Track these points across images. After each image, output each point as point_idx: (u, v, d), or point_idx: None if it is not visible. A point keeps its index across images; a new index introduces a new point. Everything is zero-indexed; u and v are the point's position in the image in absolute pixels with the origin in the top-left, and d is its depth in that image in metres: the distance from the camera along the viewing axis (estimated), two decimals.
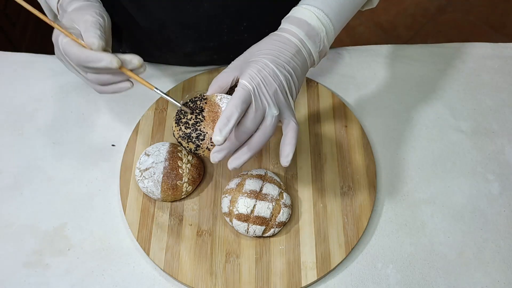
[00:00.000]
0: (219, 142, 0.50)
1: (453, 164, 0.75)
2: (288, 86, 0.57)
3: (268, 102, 0.54)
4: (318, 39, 0.59)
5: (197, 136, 0.54)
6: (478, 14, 1.91)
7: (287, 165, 0.56)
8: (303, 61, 0.59)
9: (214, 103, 0.56)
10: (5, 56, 0.89)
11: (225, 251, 0.67)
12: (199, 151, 0.56)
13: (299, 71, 0.58)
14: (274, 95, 0.55)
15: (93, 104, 0.82)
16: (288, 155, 0.56)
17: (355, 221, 0.68)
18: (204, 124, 0.54)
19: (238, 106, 0.51)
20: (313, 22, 0.59)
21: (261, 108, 0.54)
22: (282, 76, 0.56)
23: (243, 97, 0.52)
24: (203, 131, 0.54)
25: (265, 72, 0.55)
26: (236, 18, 0.76)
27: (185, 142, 0.56)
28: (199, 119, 0.55)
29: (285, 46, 0.57)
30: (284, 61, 0.56)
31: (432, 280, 0.66)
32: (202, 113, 0.55)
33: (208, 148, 0.55)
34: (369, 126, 0.79)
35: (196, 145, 0.55)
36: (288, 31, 0.59)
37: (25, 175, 0.75)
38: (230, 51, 0.83)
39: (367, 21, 1.91)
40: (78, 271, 0.67)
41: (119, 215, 0.72)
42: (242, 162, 0.55)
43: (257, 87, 0.54)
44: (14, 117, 0.81)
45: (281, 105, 0.56)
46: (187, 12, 0.73)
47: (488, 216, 0.71)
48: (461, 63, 0.87)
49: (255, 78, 0.54)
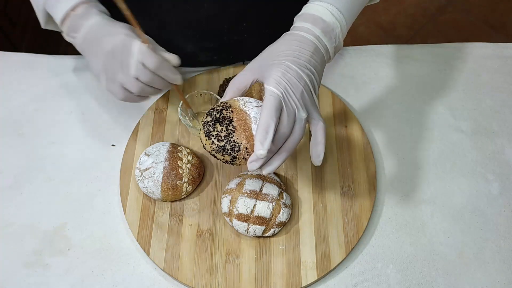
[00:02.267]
0: (263, 155, 0.51)
1: (453, 164, 0.75)
2: (312, 85, 0.56)
3: (297, 105, 0.54)
4: (334, 35, 0.60)
5: (232, 148, 0.54)
6: (478, 14, 1.91)
7: (319, 164, 0.57)
8: (321, 58, 0.59)
9: (240, 110, 0.55)
10: (5, 56, 0.89)
11: (225, 251, 0.67)
12: (235, 162, 0.56)
13: (319, 68, 0.58)
14: (302, 97, 0.55)
15: (93, 104, 0.82)
16: (320, 154, 0.57)
17: (355, 221, 0.68)
18: (236, 135, 0.54)
19: (273, 115, 0.51)
20: (328, 18, 0.59)
21: (292, 112, 0.54)
22: (305, 76, 0.55)
23: (275, 105, 0.52)
24: (237, 142, 0.54)
25: (290, 75, 0.54)
26: (236, 18, 0.76)
27: (220, 154, 0.55)
28: (231, 130, 0.54)
29: (303, 45, 0.57)
30: (305, 61, 0.56)
31: (432, 280, 0.66)
32: (232, 123, 0.54)
33: (244, 158, 0.55)
34: (369, 126, 0.79)
35: (233, 156, 0.54)
36: (304, 29, 0.58)
37: (25, 175, 0.75)
38: (230, 52, 0.83)
39: (367, 21, 1.91)
40: (78, 271, 0.67)
41: (119, 215, 0.72)
42: (276, 167, 0.55)
43: (284, 92, 0.53)
44: (14, 117, 0.81)
45: (308, 106, 0.56)
46: (188, 12, 0.73)
47: (488, 216, 0.71)
48: (461, 63, 0.87)
49: (281, 82, 0.54)
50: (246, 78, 0.58)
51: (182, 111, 0.73)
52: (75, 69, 0.86)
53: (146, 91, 0.65)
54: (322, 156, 0.57)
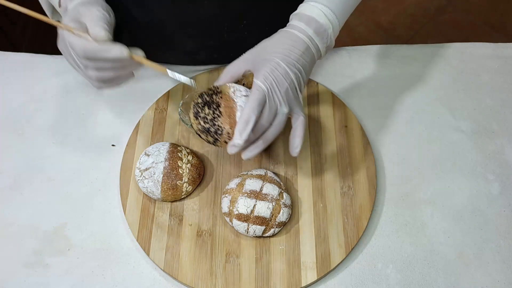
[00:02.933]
0: (240, 144, 0.56)
1: (453, 164, 0.75)
2: (298, 83, 0.60)
3: (280, 101, 0.58)
4: (326, 35, 0.62)
5: (215, 131, 0.59)
6: (478, 14, 1.91)
7: (296, 155, 0.61)
8: (311, 57, 0.62)
9: (229, 97, 0.60)
10: (5, 56, 0.89)
11: (225, 251, 0.67)
12: (217, 144, 0.61)
13: (307, 67, 0.62)
14: (285, 93, 0.59)
15: (93, 104, 0.82)
16: (297, 146, 0.61)
17: (355, 221, 0.68)
18: (221, 120, 0.59)
19: (255, 109, 0.56)
20: (321, 19, 0.61)
21: (274, 107, 0.58)
22: (292, 74, 0.59)
23: (259, 100, 0.57)
24: (221, 126, 0.59)
25: (278, 72, 0.58)
26: (236, 16, 0.76)
27: (204, 135, 0.60)
28: (217, 115, 0.59)
29: (295, 44, 0.60)
30: (295, 60, 0.59)
31: (432, 280, 0.66)
32: (219, 108, 0.59)
33: (225, 141, 0.60)
34: (369, 126, 0.79)
35: (215, 138, 0.60)
36: (298, 28, 0.61)
37: (25, 175, 0.75)
38: (230, 50, 0.83)
39: (367, 21, 1.91)
40: (78, 271, 0.67)
41: (119, 215, 0.72)
42: (255, 154, 0.59)
43: (270, 87, 0.58)
44: (14, 117, 0.81)
45: (291, 102, 0.60)
46: (188, 10, 0.73)
47: (488, 216, 0.71)
48: (461, 63, 0.87)
49: (269, 78, 0.58)
50: (239, 67, 0.62)
51: (182, 111, 0.73)
52: None
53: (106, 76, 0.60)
54: (299, 148, 0.61)
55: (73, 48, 0.58)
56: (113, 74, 0.61)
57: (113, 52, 0.57)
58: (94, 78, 0.60)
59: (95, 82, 0.62)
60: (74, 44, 0.58)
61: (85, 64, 0.59)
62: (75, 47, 0.58)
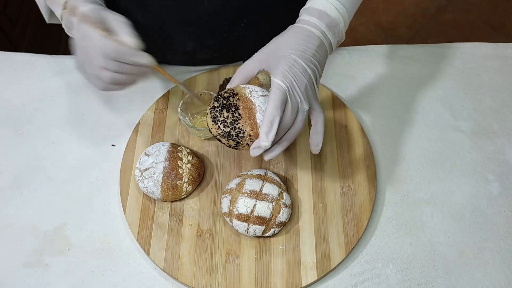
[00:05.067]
0: (267, 147, 0.54)
1: (453, 164, 0.75)
2: (315, 78, 0.60)
3: (301, 98, 0.57)
4: (337, 30, 0.62)
5: (237, 134, 0.57)
6: (478, 14, 1.91)
7: (317, 153, 0.61)
8: (325, 52, 0.61)
9: (246, 98, 0.59)
10: (5, 56, 0.89)
11: (225, 251, 0.67)
12: (239, 147, 0.59)
13: (322, 62, 0.61)
14: (305, 90, 0.58)
15: (93, 104, 0.82)
16: (319, 144, 0.60)
17: (355, 221, 0.68)
18: (241, 122, 0.57)
19: (278, 108, 0.55)
20: (332, 13, 0.61)
21: (296, 105, 0.57)
22: (310, 70, 0.58)
23: (281, 98, 0.55)
24: (242, 129, 0.57)
25: (296, 69, 0.57)
26: (237, 14, 0.76)
27: (225, 139, 0.58)
28: (236, 118, 0.58)
29: (309, 39, 0.59)
30: (311, 55, 0.59)
31: (432, 280, 0.66)
32: (238, 111, 0.58)
33: (247, 144, 0.58)
34: (369, 126, 0.79)
35: (237, 142, 0.58)
36: (310, 23, 0.61)
37: (25, 175, 0.75)
38: (230, 49, 0.83)
39: (367, 21, 1.91)
40: (78, 271, 0.67)
41: (119, 215, 0.72)
42: (277, 154, 0.58)
43: (290, 85, 0.57)
44: (14, 117, 0.81)
45: (310, 98, 0.59)
46: (188, 9, 0.73)
47: (488, 216, 0.71)
48: (461, 63, 0.87)
49: (288, 76, 0.57)
50: (253, 67, 0.60)
51: (182, 111, 0.73)
52: (75, 69, 0.86)
53: (121, 79, 0.62)
54: (320, 145, 0.60)
55: (105, 47, 0.59)
56: (128, 78, 0.63)
57: (145, 59, 0.60)
58: (108, 79, 0.61)
59: (104, 83, 0.62)
60: (108, 45, 0.59)
61: (106, 65, 0.60)
62: (107, 47, 0.59)
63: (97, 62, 0.61)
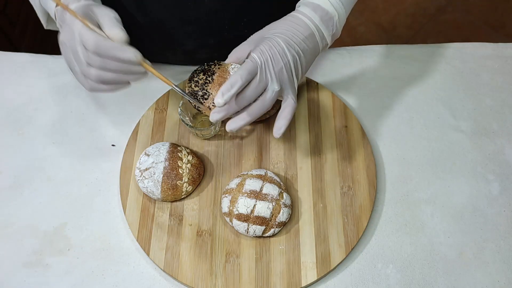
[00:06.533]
0: (220, 104, 0.56)
1: (453, 164, 0.75)
2: (295, 66, 0.61)
3: (272, 77, 0.58)
4: (331, 23, 0.63)
5: (203, 95, 0.61)
6: (478, 14, 1.91)
7: (278, 137, 0.61)
8: (314, 44, 0.63)
9: (226, 70, 0.62)
10: (5, 56, 0.89)
11: (225, 251, 0.67)
12: (201, 108, 0.62)
13: (308, 53, 0.62)
14: (279, 72, 0.59)
15: (93, 104, 0.82)
16: (281, 128, 0.60)
17: (355, 221, 0.68)
18: (211, 86, 0.61)
19: (243, 75, 0.56)
20: (327, 7, 0.62)
21: (264, 82, 0.58)
22: (290, 55, 0.59)
23: (249, 69, 0.57)
24: (209, 91, 0.61)
25: (275, 50, 0.59)
26: (236, 13, 0.76)
27: (192, 98, 0.62)
28: (208, 81, 0.61)
29: (299, 28, 0.61)
30: (296, 42, 0.60)
31: (432, 280, 0.66)
32: (212, 76, 0.61)
33: (209, 107, 0.61)
34: (369, 126, 0.79)
35: (200, 102, 0.61)
36: (303, 13, 0.62)
37: (25, 175, 0.75)
38: (231, 48, 0.83)
39: (367, 21, 1.91)
40: (78, 271, 0.67)
41: (119, 215, 0.72)
42: (239, 126, 0.59)
43: (265, 61, 0.58)
44: (14, 117, 0.81)
45: (284, 82, 0.60)
46: (188, 8, 0.73)
47: (488, 216, 0.71)
48: (461, 63, 0.87)
49: (265, 53, 0.58)
50: (244, 48, 0.64)
51: (182, 111, 0.73)
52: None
53: (107, 77, 0.58)
54: (283, 129, 0.60)
55: (86, 40, 0.56)
56: (114, 77, 0.59)
57: (127, 53, 0.56)
58: (94, 76, 0.58)
59: (90, 82, 0.59)
60: (88, 37, 0.56)
61: (90, 60, 0.57)
62: (88, 40, 0.56)
63: (82, 57, 0.58)
